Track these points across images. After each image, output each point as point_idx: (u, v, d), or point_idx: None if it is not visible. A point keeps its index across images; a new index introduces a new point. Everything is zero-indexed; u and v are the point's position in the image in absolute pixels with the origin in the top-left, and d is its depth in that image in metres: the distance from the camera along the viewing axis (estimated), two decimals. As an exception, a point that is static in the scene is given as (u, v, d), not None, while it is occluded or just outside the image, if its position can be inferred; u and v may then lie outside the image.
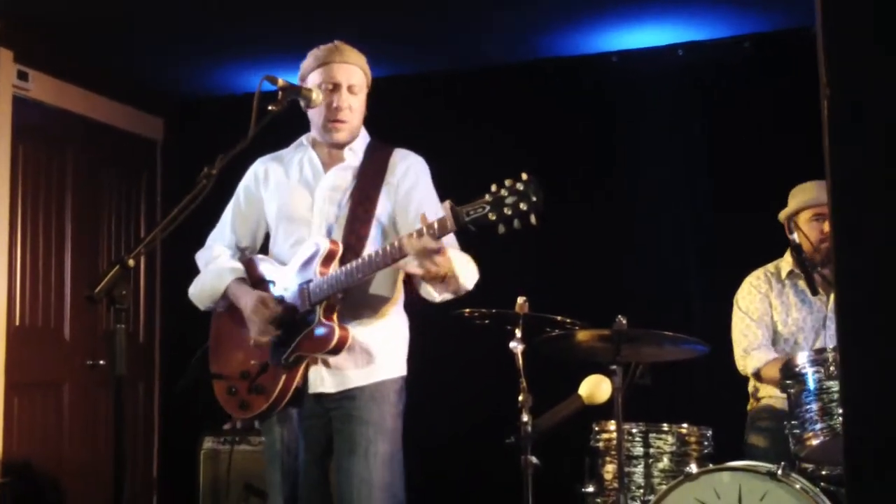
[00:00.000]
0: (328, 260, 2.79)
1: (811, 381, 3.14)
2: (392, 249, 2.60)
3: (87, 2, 4.57)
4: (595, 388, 3.47)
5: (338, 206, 2.91)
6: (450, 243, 2.71)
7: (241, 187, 3.10)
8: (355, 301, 2.85)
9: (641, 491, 3.49)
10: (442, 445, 4.70)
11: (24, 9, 4.61)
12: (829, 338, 3.71)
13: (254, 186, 3.07)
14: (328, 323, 2.76)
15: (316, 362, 2.85)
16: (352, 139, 2.98)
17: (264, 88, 2.61)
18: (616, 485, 3.39)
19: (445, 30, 4.91)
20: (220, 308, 3.03)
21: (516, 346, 3.37)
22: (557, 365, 3.61)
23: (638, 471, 3.52)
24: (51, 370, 5.12)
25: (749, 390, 3.95)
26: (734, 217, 4.71)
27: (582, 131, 5.13)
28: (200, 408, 3.18)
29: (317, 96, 2.82)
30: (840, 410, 3.00)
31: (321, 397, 2.87)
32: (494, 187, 2.42)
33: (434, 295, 2.78)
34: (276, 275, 2.92)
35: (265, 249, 3.09)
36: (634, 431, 3.53)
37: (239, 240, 3.09)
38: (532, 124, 5.16)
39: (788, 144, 4.46)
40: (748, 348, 3.81)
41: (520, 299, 3.46)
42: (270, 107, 2.65)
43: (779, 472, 3.04)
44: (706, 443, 3.54)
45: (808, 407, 3.13)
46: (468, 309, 3.50)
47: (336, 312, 2.78)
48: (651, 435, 3.53)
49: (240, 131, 2.57)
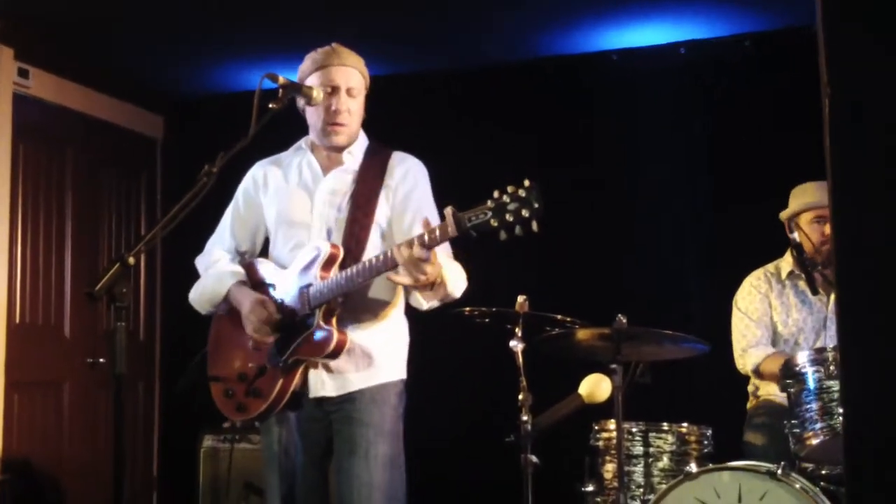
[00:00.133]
0: (329, 264, 2.79)
1: (811, 381, 3.14)
2: (385, 259, 2.61)
3: (88, 0, 4.57)
4: (595, 387, 3.47)
5: (337, 210, 2.91)
6: (441, 250, 2.69)
7: (240, 191, 3.09)
8: (356, 304, 2.85)
9: (641, 490, 3.49)
10: (442, 444, 4.69)
11: (25, 7, 4.60)
12: (830, 338, 3.71)
13: (253, 190, 3.06)
14: (327, 327, 2.76)
15: (315, 366, 2.84)
16: (350, 142, 2.97)
17: (265, 86, 2.61)
18: (616, 484, 3.39)
19: (445, 29, 4.91)
20: (221, 311, 3.02)
21: (516, 345, 3.37)
22: (557, 364, 3.61)
23: (638, 470, 3.52)
24: (51, 368, 5.12)
25: (749, 389, 3.95)
26: (734, 215, 4.71)
27: (582, 130, 5.12)
28: (198, 408, 3.18)
29: (317, 94, 2.82)
30: (840, 410, 3.00)
31: (322, 401, 2.86)
32: (497, 193, 2.41)
33: (422, 302, 2.79)
34: (277, 278, 2.92)
35: (265, 253, 3.09)
36: (634, 430, 3.53)
37: (238, 244, 3.09)
38: (532, 123, 5.15)
39: (789, 143, 4.45)
40: (746, 347, 3.80)
41: (520, 298, 3.46)
42: (271, 104, 2.65)
43: (779, 472, 3.04)
44: (706, 442, 3.54)
45: (808, 406, 3.13)
46: (468, 308, 3.49)
47: (335, 316, 2.78)
48: (651, 434, 3.53)
49: (240, 130, 2.57)
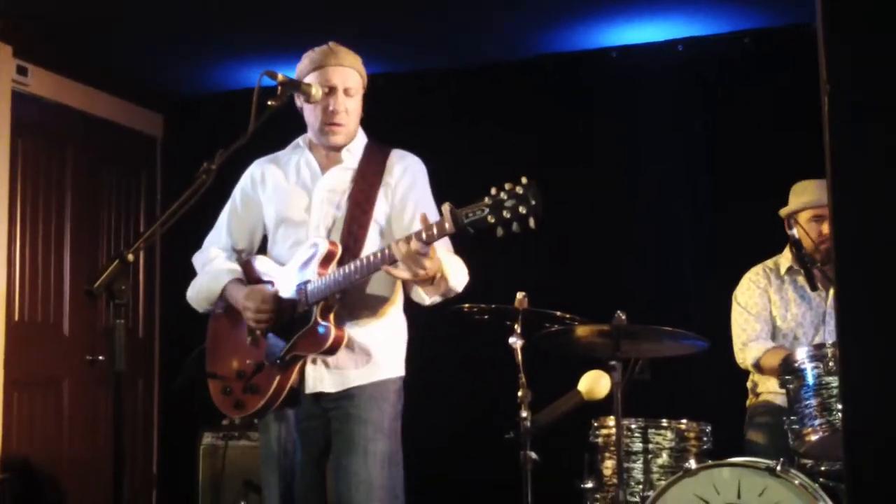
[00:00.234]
0: (327, 261, 2.79)
1: (810, 377, 3.14)
2: (383, 255, 2.62)
3: (87, -3, 4.58)
4: (594, 384, 3.47)
5: (336, 208, 2.91)
6: (442, 245, 2.70)
7: (238, 190, 3.09)
8: (355, 301, 2.85)
9: (640, 486, 3.49)
10: (441, 441, 4.69)
11: (24, 5, 4.60)
12: (829, 333, 3.71)
13: (250, 189, 3.06)
14: (325, 323, 2.76)
15: (314, 362, 2.85)
16: (348, 141, 2.97)
17: (264, 84, 2.61)
18: (615, 480, 3.39)
19: (444, 27, 4.90)
20: (218, 309, 3.03)
21: (516, 342, 3.38)
22: (557, 360, 3.61)
23: (637, 466, 3.52)
24: (50, 366, 5.12)
25: (748, 385, 3.96)
26: (734, 213, 4.71)
27: (581, 128, 5.12)
28: (197, 406, 3.18)
29: (316, 91, 2.82)
30: (839, 406, 3.00)
31: (320, 397, 2.87)
32: (494, 190, 2.41)
33: (424, 298, 2.79)
34: (275, 275, 2.92)
35: (262, 251, 3.08)
36: (633, 427, 3.53)
37: (235, 242, 3.09)
38: (531, 121, 5.15)
39: (789, 141, 4.45)
40: (746, 341, 3.81)
41: (519, 295, 3.46)
42: (270, 102, 2.66)
43: (778, 468, 3.05)
44: (705, 438, 3.54)
45: (807, 402, 3.13)
46: (467, 304, 3.50)
47: (333, 313, 2.78)
48: (650, 430, 3.53)
49: (239, 127, 2.57)
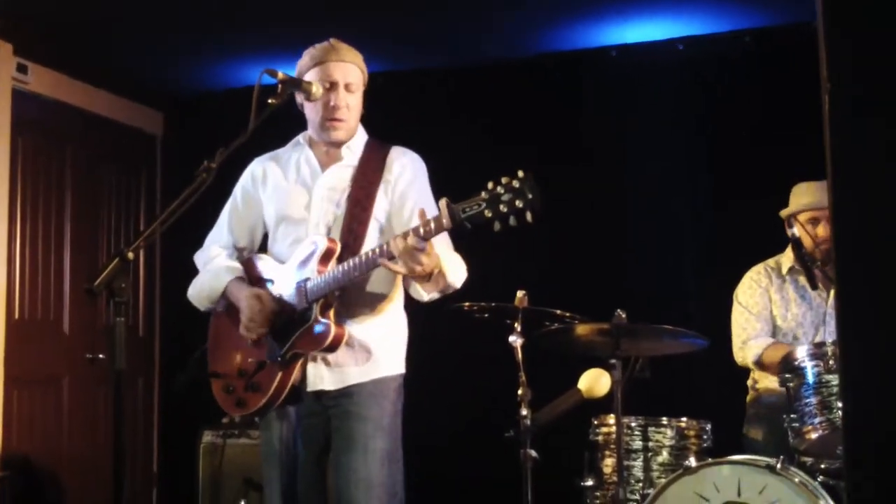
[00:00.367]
0: (326, 258, 2.79)
1: (810, 375, 3.14)
2: (381, 251, 2.62)
3: (87, -4, 4.57)
4: (594, 382, 3.47)
5: (336, 205, 2.91)
6: (442, 241, 2.70)
7: (238, 188, 3.10)
8: (355, 299, 2.85)
9: (640, 484, 3.49)
10: (441, 439, 4.70)
11: (25, 3, 4.59)
12: (829, 334, 3.71)
13: (251, 187, 3.06)
14: (325, 320, 2.76)
15: (314, 360, 2.85)
16: (349, 138, 2.97)
17: (264, 82, 2.61)
18: (615, 478, 3.39)
19: (445, 26, 4.90)
20: (220, 308, 3.03)
21: (515, 340, 3.38)
22: (557, 359, 3.61)
23: (637, 464, 3.52)
24: (50, 364, 5.12)
25: (748, 383, 3.96)
26: (734, 212, 4.71)
27: (581, 127, 5.12)
28: (198, 404, 3.18)
29: (316, 89, 2.82)
30: (839, 404, 3.00)
31: (320, 395, 2.87)
32: (491, 184, 2.42)
33: (422, 294, 2.79)
34: (275, 273, 2.92)
35: (263, 249, 3.09)
36: (633, 425, 3.53)
37: (236, 240, 3.09)
38: (531, 120, 5.15)
39: (789, 140, 4.45)
40: (747, 340, 3.81)
41: (519, 293, 3.46)
42: (270, 100, 2.66)
43: (778, 466, 3.05)
44: (705, 436, 3.54)
45: (807, 401, 3.14)
46: (467, 303, 3.50)
47: (333, 310, 2.78)
48: (650, 429, 3.54)
49: (240, 125, 2.57)
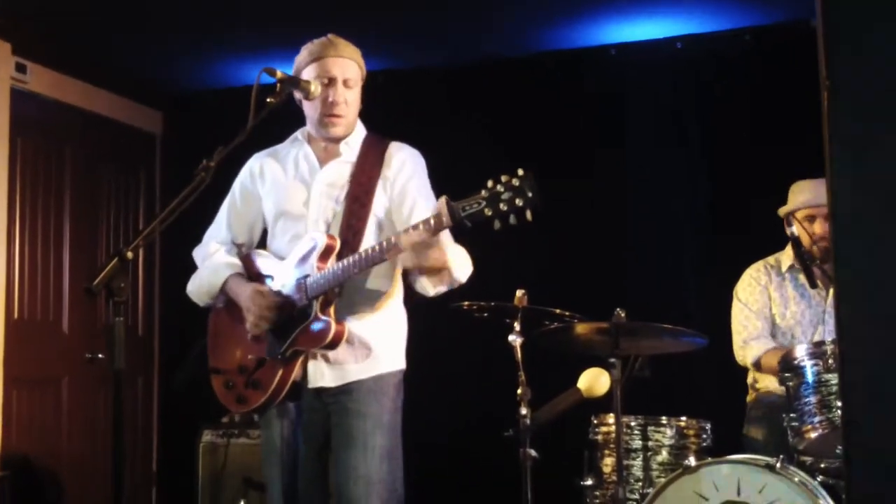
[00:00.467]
0: (326, 255, 2.79)
1: (810, 374, 3.14)
2: (388, 244, 2.62)
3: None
4: (594, 381, 3.47)
5: (334, 202, 2.91)
6: (443, 235, 2.69)
7: (237, 184, 3.10)
8: (354, 295, 2.85)
9: (640, 484, 3.49)
10: (440, 438, 4.70)
11: (23, 2, 4.59)
12: (828, 332, 3.71)
13: (249, 183, 3.06)
14: (325, 318, 2.76)
15: (315, 357, 2.85)
16: (347, 133, 2.98)
17: (263, 80, 2.61)
18: (615, 478, 3.39)
19: (445, 24, 4.90)
20: (219, 304, 3.03)
21: (515, 339, 3.37)
22: (556, 358, 3.61)
23: (637, 464, 3.52)
24: (49, 364, 5.12)
25: (748, 382, 3.96)
26: (733, 210, 4.71)
27: (581, 125, 5.12)
28: (197, 402, 3.17)
29: (315, 88, 2.82)
30: (838, 403, 3.00)
31: (320, 392, 2.87)
32: (490, 183, 2.42)
33: (428, 289, 2.79)
34: (274, 270, 2.92)
35: (262, 245, 3.09)
36: (633, 424, 3.53)
37: (235, 236, 3.09)
38: (531, 118, 5.15)
39: (788, 138, 4.45)
40: (747, 339, 3.81)
41: (518, 292, 3.45)
42: (269, 98, 2.66)
43: (777, 465, 3.04)
44: (705, 436, 3.54)
45: (807, 400, 3.13)
46: (467, 302, 3.49)
47: (333, 307, 2.78)
48: (650, 428, 3.53)
49: (239, 124, 2.57)
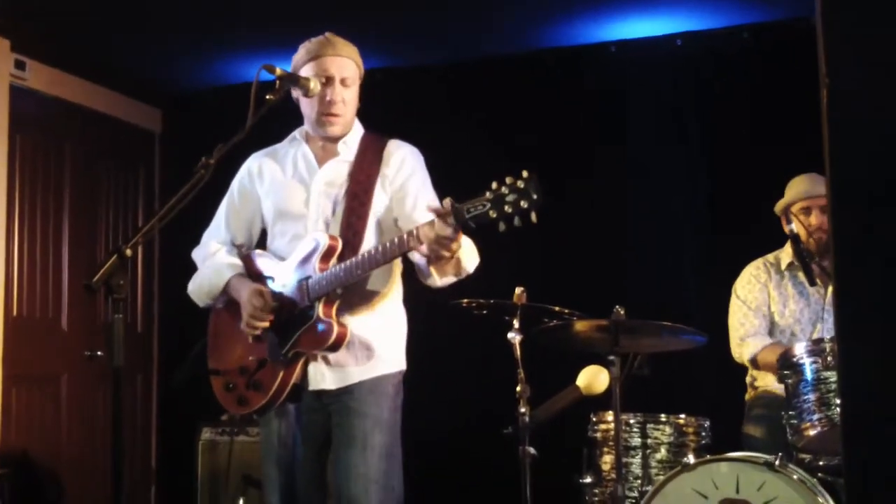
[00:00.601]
0: (327, 256, 2.79)
1: (809, 372, 3.14)
2: (384, 250, 2.62)
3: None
4: (593, 379, 3.47)
5: (334, 201, 2.91)
6: None
7: (235, 183, 3.09)
8: (354, 296, 2.84)
9: (639, 481, 3.49)
10: (440, 436, 4.69)
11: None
12: (827, 330, 3.71)
13: (248, 182, 3.06)
14: (327, 319, 2.76)
15: (315, 359, 2.85)
16: (345, 132, 2.97)
17: (262, 78, 2.61)
18: (614, 475, 3.38)
19: (444, 22, 4.89)
20: (220, 304, 3.02)
21: (514, 337, 3.37)
22: (555, 355, 3.61)
23: (636, 461, 3.52)
24: (48, 361, 5.12)
25: (747, 380, 3.96)
26: (732, 208, 4.71)
27: (580, 122, 5.12)
28: (196, 400, 3.17)
29: (314, 85, 2.81)
30: (837, 401, 3.00)
31: (321, 394, 2.87)
32: (495, 185, 2.42)
33: (436, 280, 2.77)
34: (275, 270, 2.92)
35: (261, 245, 3.08)
36: (632, 422, 3.53)
37: (234, 236, 3.08)
38: (530, 115, 5.14)
39: (787, 135, 4.45)
40: (744, 336, 3.81)
41: (518, 289, 3.45)
42: (268, 96, 2.66)
43: (776, 463, 3.05)
44: (704, 433, 3.54)
45: (806, 397, 3.13)
46: (466, 299, 3.49)
47: (335, 308, 2.78)
48: (649, 425, 3.53)
49: (238, 122, 2.57)
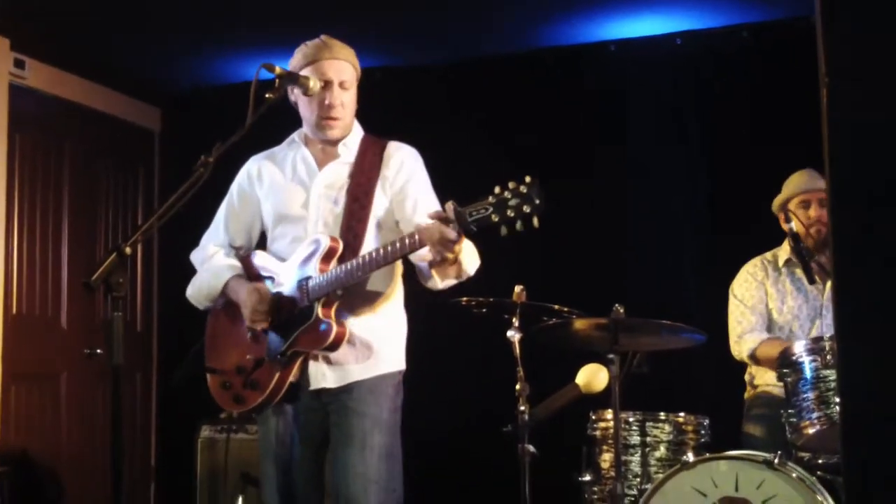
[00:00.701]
0: (328, 257, 2.79)
1: (808, 370, 3.15)
2: (384, 253, 2.62)
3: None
4: (592, 377, 3.47)
5: (334, 203, 2.91)
6: None
7: (234, 186, 3.08)
8: (355, 296, 2.84)
9: (638, 479, 3.49)
10: (439, 434, 4.69)
11: (22, -2, 4.60)
12: (826, 327, 3.72)
13: (247, 185, 3.05)
14: (326, 319, 2.76)
15: (316, 358, 2.84)
16: (345, 135, 2.97)
17: (262, 77, 2.61)
18: (613, 473, 3.39)
19: (444, 22, 4.89)
20: (218, 305, 3.02)
21: (514, 335, 3.37)
22: (555, 354, 3.61)
23: (635, 459, 3.52)
24: (48, 359, 5.12)
25: (746, 378, 3.96)
26: (732, 207, 4.71)
27: (580, 121, 5.11)
28: (196, 399, 3.17)
29: (314, 83, 2.80)
30: (837, 399, 3.01)
31: (320, 393, 2.87)
32: (498, 189, 2.42)
33: (438, 282, 2.78)
34: (275, 271, 2.92)
35: (260, 247, 3.07)
36: (631, 420, 3.53)
37: (233, 239, 3.08)
38: (530, 115, 5.14)
39: (787, 135, 4.45)
40: (742, 333, 3.82)
41: (517, 288, 3.45)
42: (268, 95, 2.65)
43: (775, 461, 3.05)
44: (703, 431, 3.54)
45: (805, 396, 3.14)
46: (466, 297, 3.49)
47: (334, 309, 2.78)
48: (648, 423, 3.53)
49: (237, 121, 2.57)
